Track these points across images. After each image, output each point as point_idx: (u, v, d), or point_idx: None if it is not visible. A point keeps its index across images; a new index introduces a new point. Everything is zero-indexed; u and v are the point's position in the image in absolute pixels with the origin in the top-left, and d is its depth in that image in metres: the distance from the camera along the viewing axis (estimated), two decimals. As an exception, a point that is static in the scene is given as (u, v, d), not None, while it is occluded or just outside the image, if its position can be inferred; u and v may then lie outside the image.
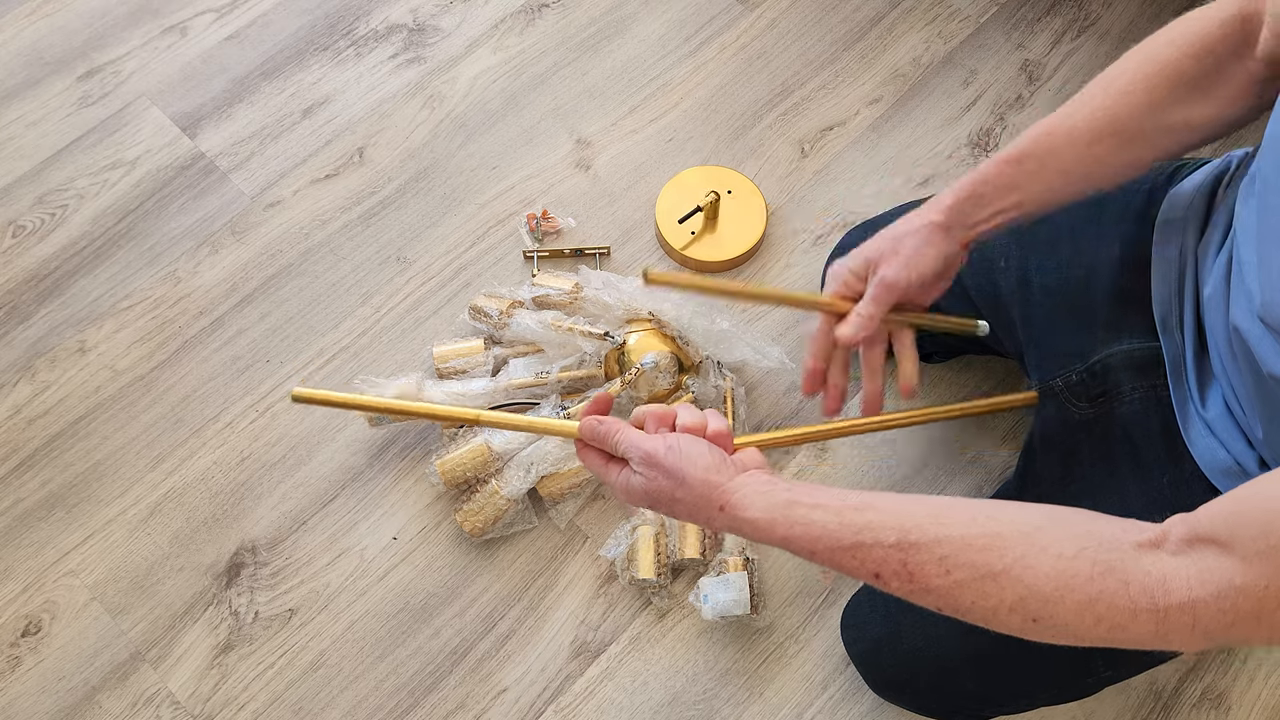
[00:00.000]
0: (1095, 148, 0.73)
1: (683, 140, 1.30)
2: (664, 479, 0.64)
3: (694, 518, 0.64)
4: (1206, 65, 0.70)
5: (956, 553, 0.55)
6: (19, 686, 1.01)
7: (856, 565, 0.58)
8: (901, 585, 0.57)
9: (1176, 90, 0.71)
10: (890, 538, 0.57)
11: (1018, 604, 0.54)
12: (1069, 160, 0.73)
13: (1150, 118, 0.72)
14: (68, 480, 1.10)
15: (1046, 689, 0.85)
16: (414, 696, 1.00)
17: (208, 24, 1.39)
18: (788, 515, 0.60)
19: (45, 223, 1.25)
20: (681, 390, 1.08)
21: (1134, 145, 0.73)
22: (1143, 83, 0.72)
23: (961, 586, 0.55)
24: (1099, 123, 0.73)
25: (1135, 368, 0.79)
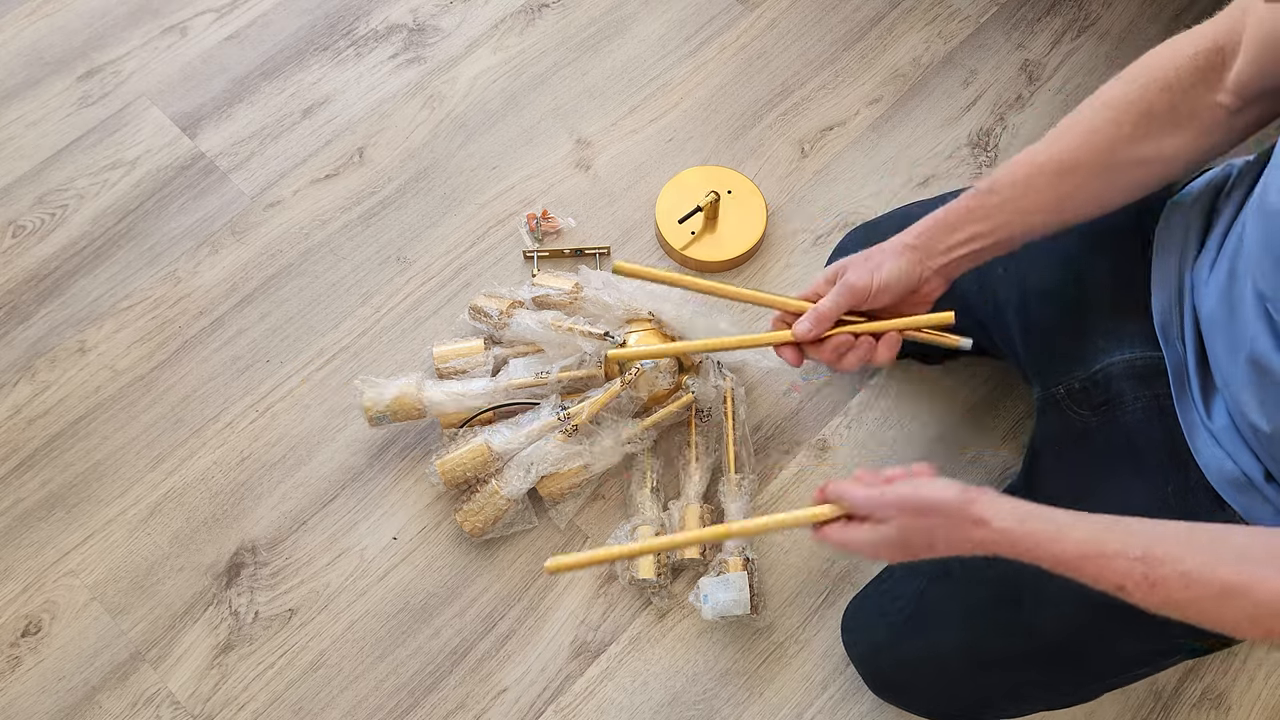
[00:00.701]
0: (1064, 180, 0.73)
1: (683, 140, 1.30)
2: (919, 517, 0.67)
3: (950, 543, 0.67)
4: (1175, 98, 0.71)
5: (1198, 569, 0.58)
6: (19, 686, 1.01)
7: (1098, 573, 0.61)
8: (1144, 596, 0.60)
9: (1146, 124, 0.72)
10: (1136, 551, 0.60)
11: (1254, 618, 0.57)
12: (1037, 192, 0.74)
13: (1119, 151, 0.73)
14: (68, 480, 1.10)
15: (1046, 696, 0.85)
16: (414, 696, 1.01)
17: (208, 24, 1.39)
18: (1038, 523, 0.63)
19: (45, 223, 1.25)
20: (681, 390, 1.08)
21: (1103, 178, 0.74)
22: (1111, 116, 0.72)
23: (1201, 601, 0.58)
24: (1068, 156, 0.73)
25: (1137, 377, 0.78)
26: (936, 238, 0.77)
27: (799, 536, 1.07)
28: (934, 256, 0.77)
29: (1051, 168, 0.74)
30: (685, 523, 1.02)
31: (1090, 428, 0.81)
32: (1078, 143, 0.74)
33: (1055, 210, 0.75)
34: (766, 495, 1.09)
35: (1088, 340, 0.82)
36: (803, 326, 0.78)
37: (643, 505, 1.04)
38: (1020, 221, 0.75)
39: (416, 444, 1.12)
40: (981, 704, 0.86)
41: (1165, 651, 0.79)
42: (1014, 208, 0.75)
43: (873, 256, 0.78)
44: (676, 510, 1.04)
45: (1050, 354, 0.85)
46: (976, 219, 0.75)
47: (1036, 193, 0.74)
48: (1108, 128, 0.73)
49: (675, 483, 1.08)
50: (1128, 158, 0.73)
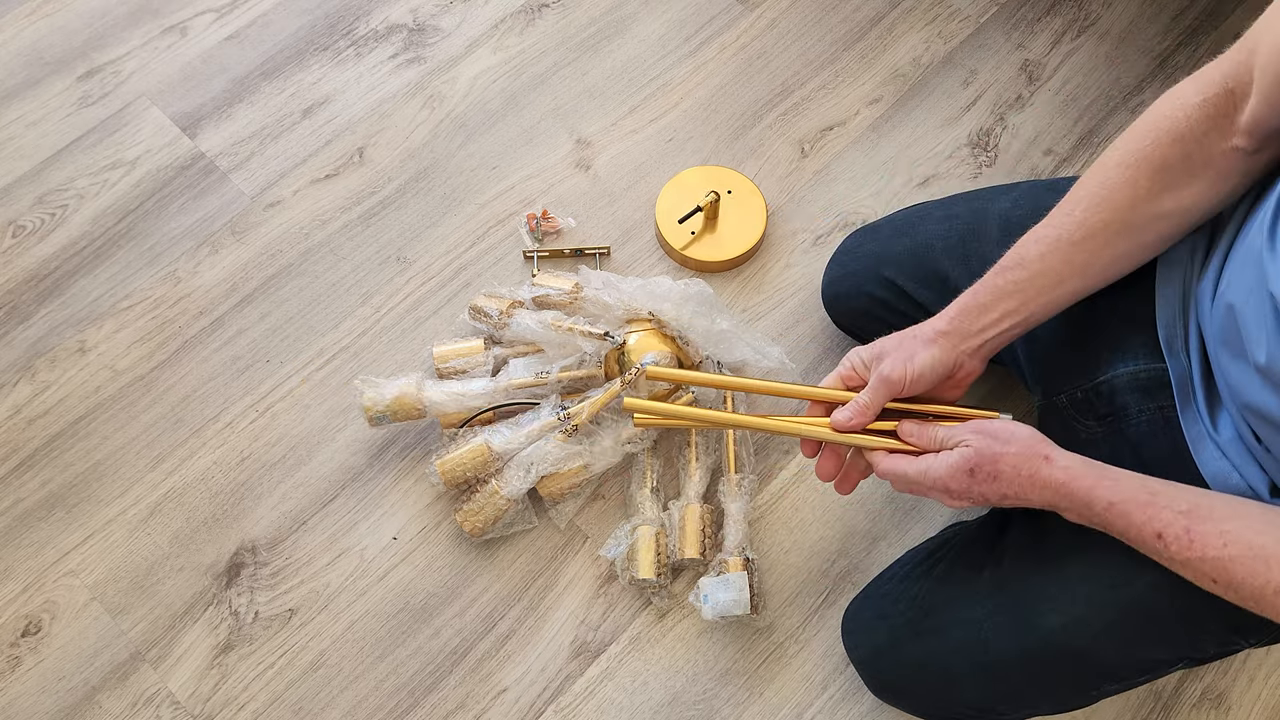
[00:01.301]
0: (1087, 245, 0.74)
1: (683, 140, 1.30)
2: (993, 440, 0.70)
3: (1016, 474, 0.69)
4: (1189, 147, 0.70)
5: (1238, 530, 0.60)
6: (19, 686, 1.01)
7: (1144, 521, 0.64)
8: (1180, 550, 0.62)
9: (1162, 178, 0.71)
10: (1182, 505, 0.63)
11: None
12: (1064, 263, 0.74)
13: (1139, 209, 0.73)
14: (68, 480, 1.10)
15: (1047, 701, 0.85)
16: (414, 696, 1.01)
17: (208, 24, 1.39)
18: (1096, 469, 0.67)
19: (45, 223, 1.25)
20: (681, 390, 1.08)
21: (1127, 238, 0.74)
22: (1127, 176, 0.72)
23: (1235, 561, 0.60)
24: (1089, 221, 0.74)
25: (1142, 389, 0.78)
26: (968, 320, 0.77)
27: (799, 537, 1.07)
28: (967, 339, 0.77)
29: (1074, 236, 0.74)
30: (685, 523, 1.02)
31: (1096, 438, 0.81)
32: (1096, 206, 0.74)
33: (1082, 277, 0.75)
34: (766, 495, 1.09)
35: (1091, 352, 0.81)
36: (843, 416, 0.78)
37: (643, 505, 1.04)
38: (1050, 293, 0.75)
39: (416, 444, 1.12)
40: (982, 708, 0.86)
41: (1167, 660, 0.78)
42: (1042, 282, 0.75)
43: (905, 345, 0.78)
44: (676, 510, 1.04)
45: (1053, 364, 0.85)
46: (1006, 295, 0.76)
47: (1063, 263, 0.74)
48: (1124, 188, 0.73)
49: (675, 483, 1.08)
50: (1147, 214, 0.73)
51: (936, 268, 0.94)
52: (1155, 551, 0.64)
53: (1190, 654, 0.78)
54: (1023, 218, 0.89)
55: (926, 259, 0.95)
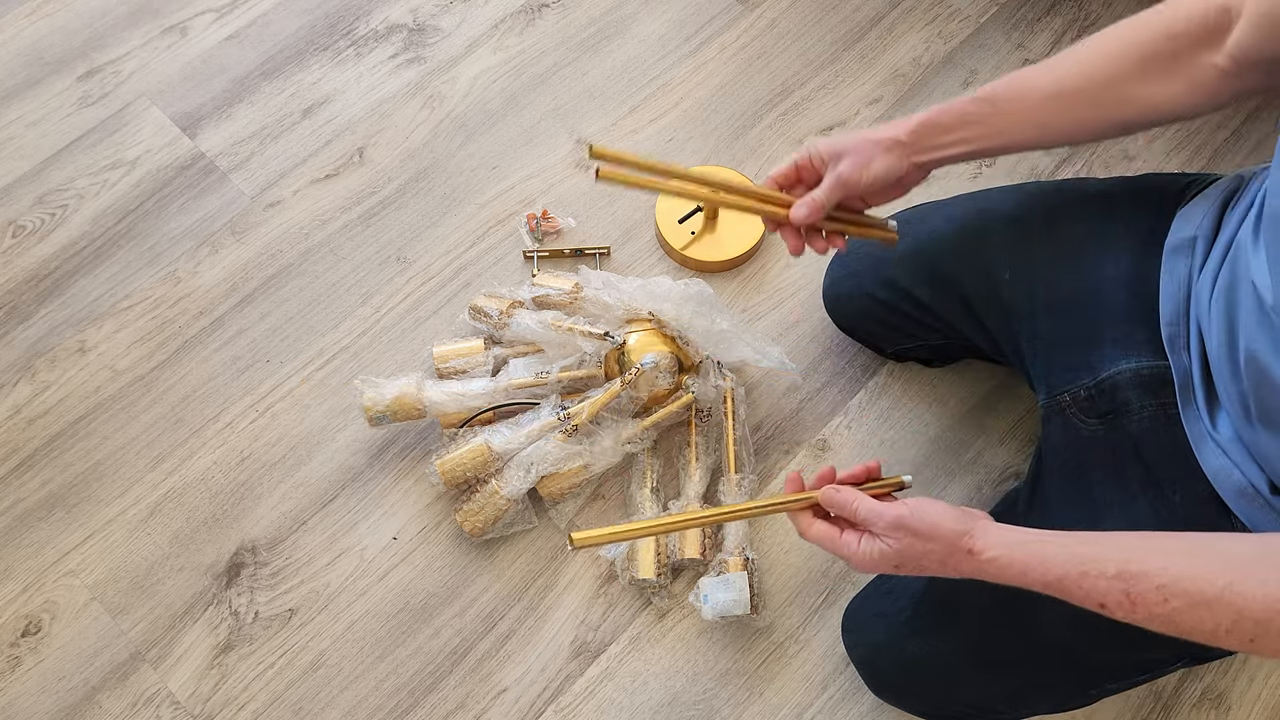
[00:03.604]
0: (1051, 104, 0.78)
1: (683, 140, 1.30)
2: (914, 539, 0.70)
3: (942, 567, 0.70)
4: (1179, 45, 0.74)
5: (1172, 580, 0.59)
6: (19, 686, 1.01)
7: (1083, 595, 0.63)
8: (1126, 614, 0.62)
9: (1144, 66, 0.75)
10: (1111, 569, 0.62)
11: (1233, 627, 0.58)
12: (1025, 110, 0.79)
13: (1113, 87, 0.77)
14: (68, 480, 1.10)
15: (1047, 700, 0.85)
16: (414, 696, 1.01)
17: (208, 24, 1.39)
18: (1025, 551, 0.66)
19: (45, 223, 1.25)
20: (681, 390, 1.08)
21: (1088, 110, 0.78)
22: (1117, 51, 0.76)
23: (1179, 613, 0.59)
24: (1066, 81, 0.78)
25: (1143, 386, 0.78)
26: (928, 137, 0.81)
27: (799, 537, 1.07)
28: (921, 154, 0.82)
29: (1047, 91, 0.79)
30: (685, 523, 1.02)
31: (1097, 436, 0.81)
32: (1077, 71, 0.78)
33: (1038, 131, 0.80)
34: (766, 495, 1.09)
35: (1095, 349, 0.82)
36: (800, 212, 0.83)
37: (643, 505, 1.04)
38: (1006, 135, 0.80)
39: (416, 444, 1.12)
40: (982, 706, 0.86)
41: (1166, 660, 0.79)
42: (1003, 123, 0.80)
43: (864, 149, 0.82)
44: (677, 510, 1.03)
45: (1058, 362, 0.85)
46: (969, 123, 0.80)
47: (1028, 112, 0.79)
48: (1108, 63, 0.77)
49: (675, 483, 1.08)
50: (1118, 95, 0.77)
51: (938, 267, 0.94)
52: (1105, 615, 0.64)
53: (1189, 652, 0.78)
54: (1026, 216, 0.90)
55: (928, 259, 0.95)
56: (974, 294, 0.90)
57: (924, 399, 1.14)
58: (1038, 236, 0.88)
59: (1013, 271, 0.88)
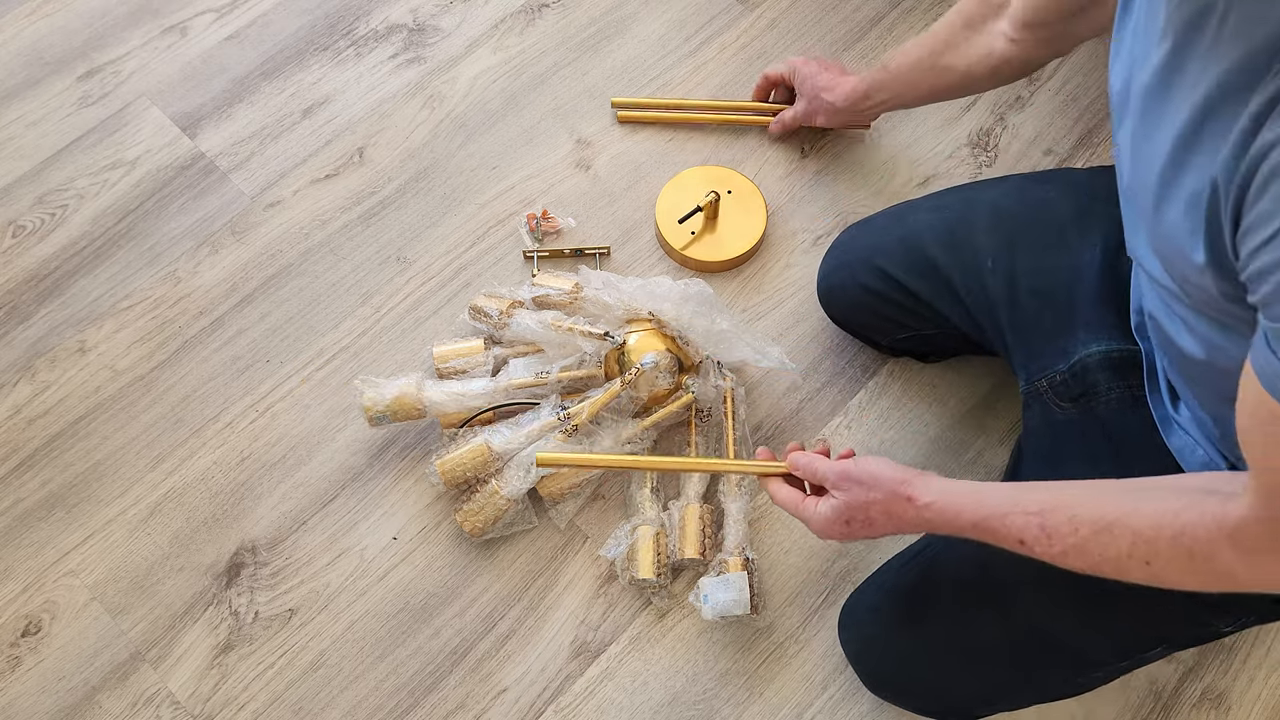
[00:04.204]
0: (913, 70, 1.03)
1: (683, 140, 1.30)
2: (860, 488, 0.75)
3: (887, 517, 0.74)
4: (985, 11, 0.91)
5: (1085, 511, 0.63)
6: (19, 686, 1.01)
7: (1006, 532, 0.66)
8: (1044, 549, 0.64)
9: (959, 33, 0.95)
10: (1034, 506, 0.65)
11: (1132, 549, 0.60)
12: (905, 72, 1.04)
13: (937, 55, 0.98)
14: (68, 480, 1.10)
15: (1034, 690, 0.85)
16: (414, 696, 1.01)
17: (208, 24, 1.39)
18: (959, 495, 0.70)
19: (45, 223, 1.25)
20: (681, 390, 1.08)
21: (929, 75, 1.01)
22: (946, 20, 0.97)
23: (1088, 541, 0.62)
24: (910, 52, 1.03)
25: (1113, 368, 0.80)
26: (858, 102, 1.12)
27: (799, 537, 1.07)
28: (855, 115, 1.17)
29: (907, 59, 1.03)
30: (685, 523, 1.02)
31: (1070, 419, 0.83)
32: (925, 39, 1.00)
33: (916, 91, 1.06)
34: (766, 495, 1.09)
35: (1071, 335, 0.84)
36: (776, 129, 1.26)
37: (643, 505, 1.04)
38: (906, 94, 1.07)
39: (416, 444, 1.12)
40: (976, 698, 0.86)
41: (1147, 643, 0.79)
42: (898, 84, 1.06)
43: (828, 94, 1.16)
44: (676, 510, 1.04)
45: (1036, 349, 0.87)
46: (881, 89, 1.09)
47: (906, 73, 1.04)
48: (940, 30, 0.97)
49: (675, 483, 1.08)
50: (939, 62, 0.98)
51: (927, 255, 0.95)
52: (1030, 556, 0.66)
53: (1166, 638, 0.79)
54: (1010, 205, 0.92)
55: (917, 248, 0.96)
56: (961, 283, 0.92)
57: (924, 399, 1.14)
58: (1019, 226, 0.90)
59: (995, 260, 0.90)
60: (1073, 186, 0.91)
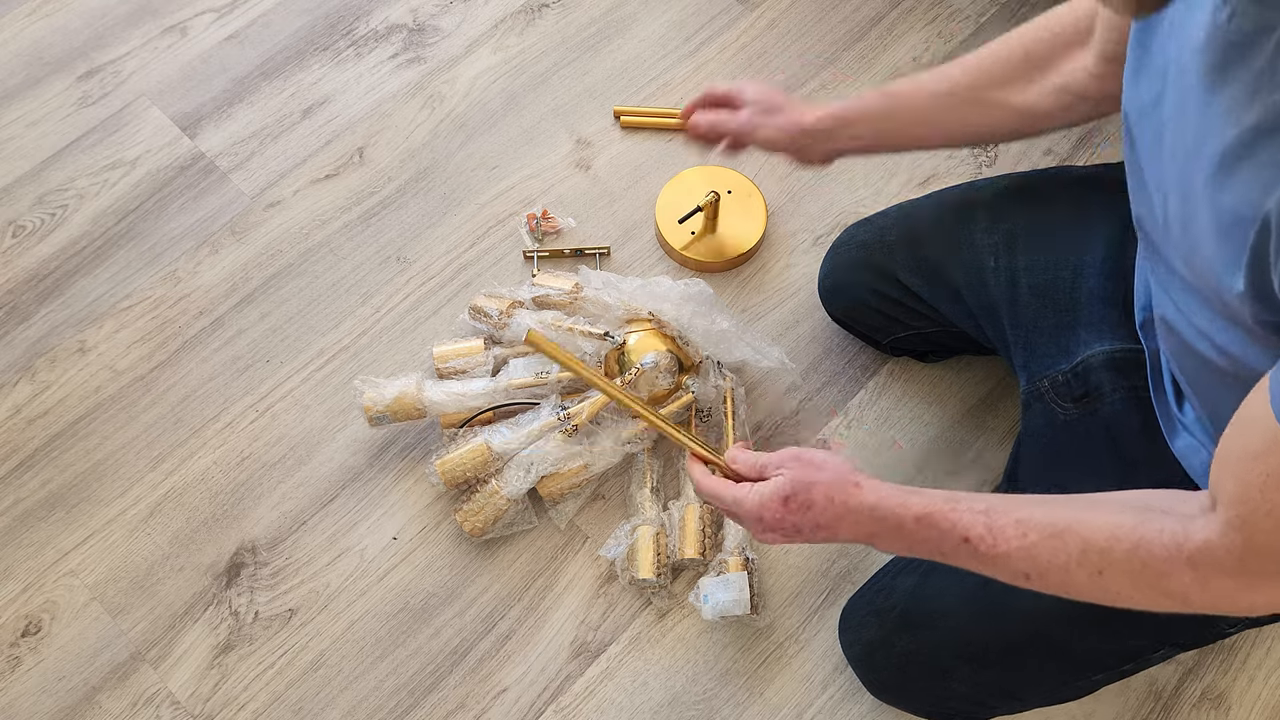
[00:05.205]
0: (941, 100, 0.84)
1: (683, 140, 1.30)
2: (807, 468, 0.71)
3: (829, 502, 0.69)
4: (1055, 45, 0.79)
5: (1034, 515, 0.61)
6: (19, 686, 1.01)
7: (949, 526, 0.64)
8: (987, 548, 0.62)
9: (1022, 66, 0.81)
10: (980, 505, 0.64)
11: (1082, 558, 0.59)
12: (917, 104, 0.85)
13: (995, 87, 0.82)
14: (68, 480, 1.10)
15: (1036, 693, 0.85)
16: (414, 696, 1.01)
17: (208, 24, 1.39)
18: (906, 490, 0.68)
19: (45, 223, 1.25)
20: (681, 390, 1.08)
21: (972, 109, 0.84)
22: (1003, 50, 0.82)
23: (1036, 546, 0.60)
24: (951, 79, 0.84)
25: (1116, 368, 0.79)
26: (830, 130, 0.89)
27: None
28: (824, 144, 0.91)
29: (940, 87, 0.84)
30: (685, 523, 1.02)
31: (1072, 421, 0.82)
32: (967, 69, 0.83)
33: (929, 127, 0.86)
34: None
35: (1072, 333, 0.83)
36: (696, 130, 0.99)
37: (643, 505, 1.04)
38: (901, 131, 0.88)
39: (416, 444, 1.12)
40: (977, 701, 0.86)
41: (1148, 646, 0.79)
42: (901, 117, 0.87)
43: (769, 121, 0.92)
44: (676, 510, 1.04)
45: (1038, 348, 0.86)
46: (868, 119, 0.88)
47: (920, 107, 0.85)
48: (990, 63, 0.83)
49: (675, 483, 1.08)
50: (996, 96, 0.82)
51: (927, 254, 0.95)
52: (970, 558, 0.64)
53: (1170, 639, 0.78)
54: (1011, 204, 0.91)
55: (918, 247, 0.96)
56: (962, 282, 0.92)
57: (924, 399, 1.14)
58: (1020, 224, 0.90)
59: (996, 259, 0.90)
60: (1074, 185, 0.90)
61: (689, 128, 0.98)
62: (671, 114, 1.29)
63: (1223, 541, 0.53)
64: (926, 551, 0.67)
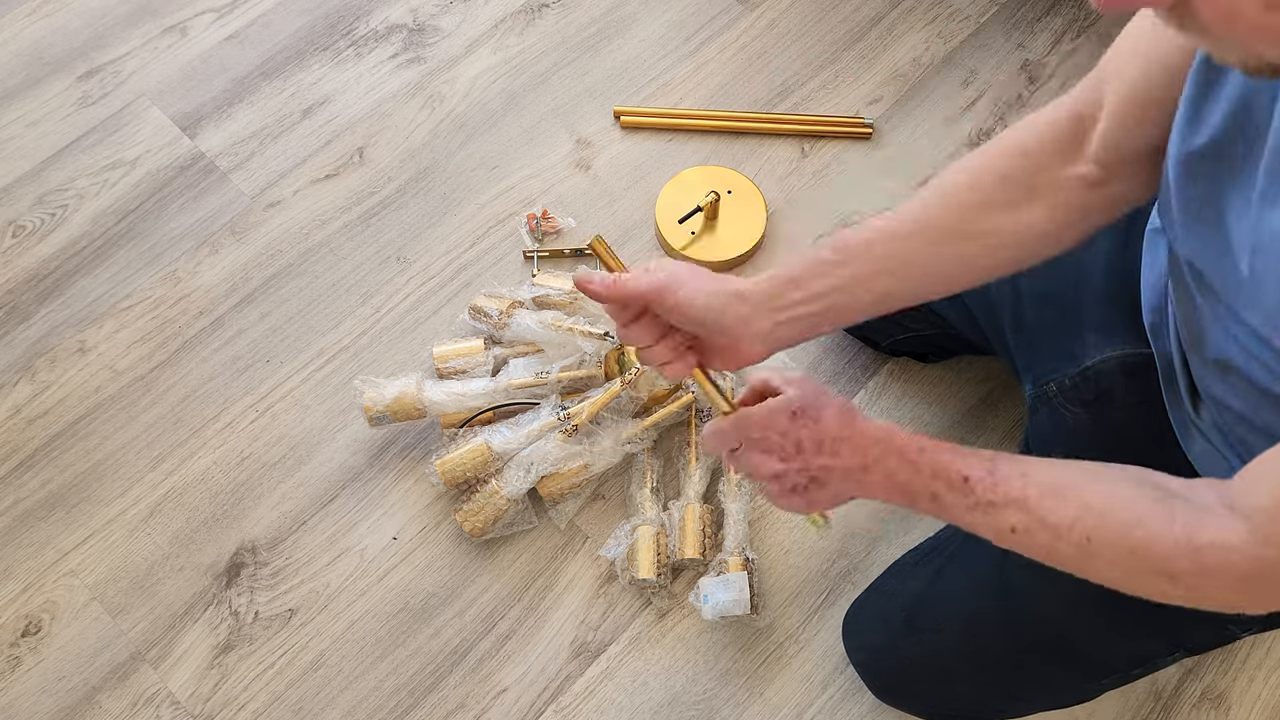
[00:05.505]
0: (909, 242, 0.69)
1: (683, 140, 1.30)
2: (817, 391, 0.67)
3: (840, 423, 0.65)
4: (1032, 164, 0.67)
5: (1035, 470, 0.61)
6: (19, 686, 1.01)
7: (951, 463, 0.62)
8: (985, 490, 0.61)
9: (1002, 190, 0.68)
10: (986, 455, 0.63)
11: (1076, 521, 0.58)
12: (882, 249, 0.69)
13: (974, 217, 0.68)
14: (68, 480, 1.10)
15: (1045, 697, 0.85)
16: (414, 696, 1.01)
17: (208, 24, 1.39)
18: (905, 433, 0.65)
19: (45, 223, 1.25)
20: (681, 390, 1.08)
21: (952, 244, 0.69)
22: (967, 181, 0.69)
23: (1031, 499, 0.59)
24: (918, 218, 0.69)
25: (1129, 374, 0.79)
26: (775, 295, 0.69)
27: (799, 537, 1.07)
28: (761, 310, 0.69)
29: (903, 229, 0.69)
30: (685, 523, 1.02)
31: (1082, 424, 0.82)
32: (933, 203, 0.69)
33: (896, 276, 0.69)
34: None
35: (1079, 336, 0.82)
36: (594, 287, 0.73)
37: (643, 505, 1.04)
38: (863, 281, 0.69)
39: (416, 444, 1.12)
40: (982, 705, 0.86)
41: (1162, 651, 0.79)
42: (861, 266, 0.69)
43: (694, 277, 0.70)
44: (676, 510, 1.03)
45: (1042, 351, 0.86)
46: (820, 275, 0.69)
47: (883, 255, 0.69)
48: (966, 191, 0.69)
49: (675, 483, 1.08)
50: (982, 225, 0.68)
51: None
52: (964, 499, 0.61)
53: (1184, 643, 0.78)
54: None
55: None
56: None
57: (924, 398, 1.14)
58: None
59: None
60: None
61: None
62: (672, 114, 1.28)
63: (1240, 546, 0.52)
64: (918, 488, 0.63)
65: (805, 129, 1.29)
